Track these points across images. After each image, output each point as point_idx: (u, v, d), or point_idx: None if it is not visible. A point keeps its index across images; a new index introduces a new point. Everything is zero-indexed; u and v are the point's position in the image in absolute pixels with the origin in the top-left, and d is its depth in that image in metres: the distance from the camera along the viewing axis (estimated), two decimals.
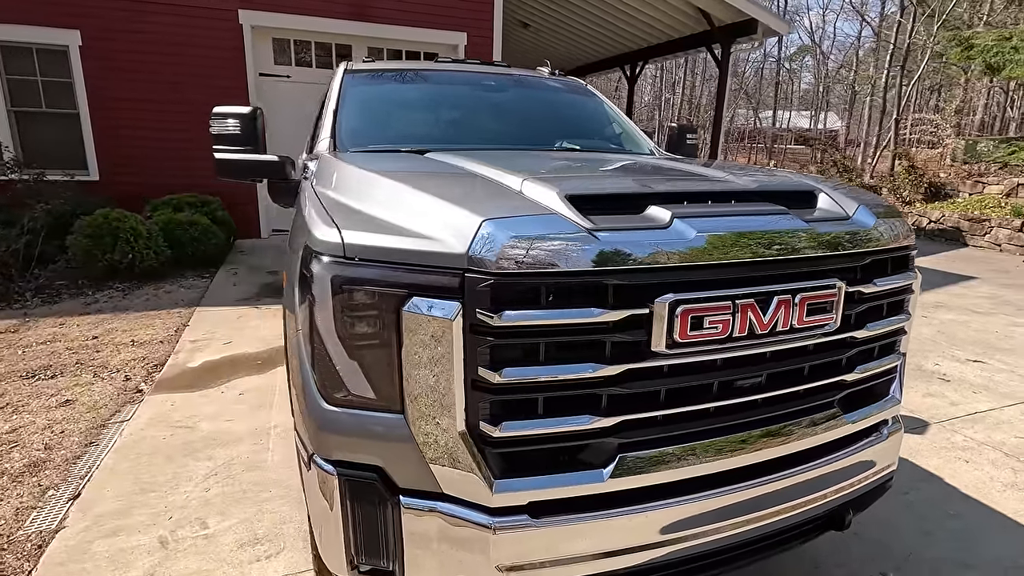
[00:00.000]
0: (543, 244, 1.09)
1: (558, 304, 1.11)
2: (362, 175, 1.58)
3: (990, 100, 30.67)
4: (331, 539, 1.29)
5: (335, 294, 1.17)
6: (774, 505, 1.35)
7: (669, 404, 1.23)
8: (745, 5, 8.98)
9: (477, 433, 1.15)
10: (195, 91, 7.31)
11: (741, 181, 1.52)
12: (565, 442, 1.19)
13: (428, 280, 1.12)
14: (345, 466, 1.22)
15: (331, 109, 2.46)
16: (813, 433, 1.39)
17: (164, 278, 5.97)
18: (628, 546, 1.22)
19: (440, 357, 1.11)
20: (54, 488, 2.52)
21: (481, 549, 1.16)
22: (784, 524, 1.39)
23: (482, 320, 1.08)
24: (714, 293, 1.17)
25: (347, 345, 1.19)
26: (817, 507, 1.42)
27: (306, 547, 2.14)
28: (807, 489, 1.39)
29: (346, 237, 1.17)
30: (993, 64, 9.30)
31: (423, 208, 1.24)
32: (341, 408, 1.22)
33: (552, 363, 1.13)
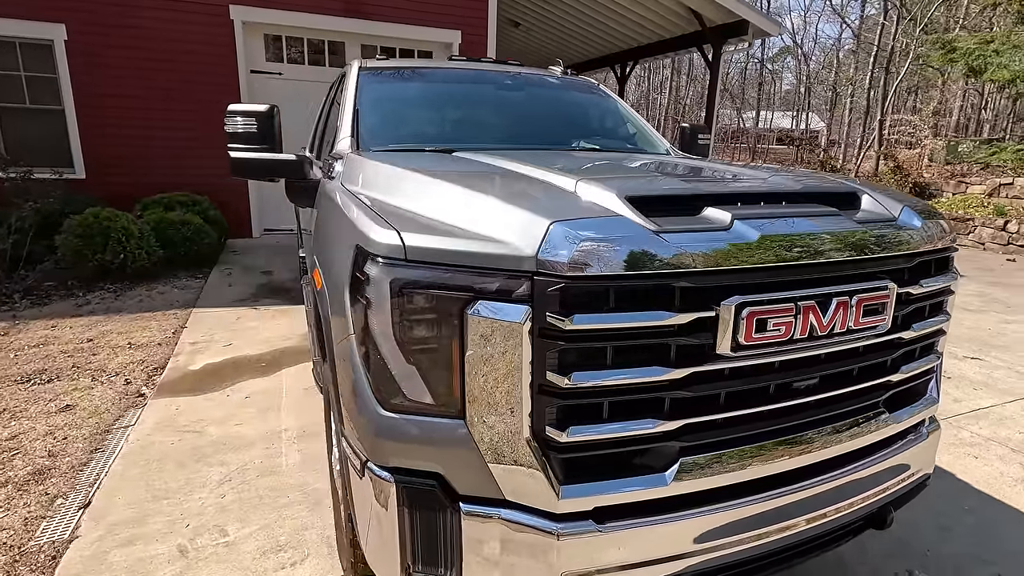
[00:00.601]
0: (613, 246, 1.08)
1: (626, 307, 1.10)
2: (408, 175, 1.55)
3: (965, 102, 31.37)
4: (385, 546, 1.26)
5: (394, 297, 1.14)
6: (826, 505, 1.36)
7: (729, 407, 1.23)
8: (736, 6, 9.07)
9: (542, 438, 1.13)
10: (185, 88, 7.17)
11: (785, 182, 1.52)
12: (628, 446, 1.18)
13: (494, 283, 1.10)
14: (403, 473, 1.20)
15: (349, 108, 2.42)
16: (863, 433, 1.40)
17: (156, 278, 5.84)
18: (690, 550, 1.22)
19: (506, 362, 1.09)
20: (62, 496, 2.45)
21: (546, 556, 1.14)
22: (834, 524, 1.40)
23: (552, 324, 1.07)
24: (778, 295, 1.17)
25: (406, 349, 1.16)
26: (865, 506, 1.43)
27: (331, 553, 2.10)
28: (856, 488, 1.40)
29: (407, 239, 1.14)
30: (975, 67, 9.50)
31: (483, 209, 1.22)
32: (398, 414, 1.19)
33: (619, 367, 1.12)
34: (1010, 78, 9.30)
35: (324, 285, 1.61)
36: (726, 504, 1.24)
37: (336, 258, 1.45)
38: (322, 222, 1.82)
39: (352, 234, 1.33)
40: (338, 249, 1.45)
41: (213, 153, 7.46)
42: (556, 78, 3.02)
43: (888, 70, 16.92)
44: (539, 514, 1.15)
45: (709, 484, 1.22)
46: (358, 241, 1.26)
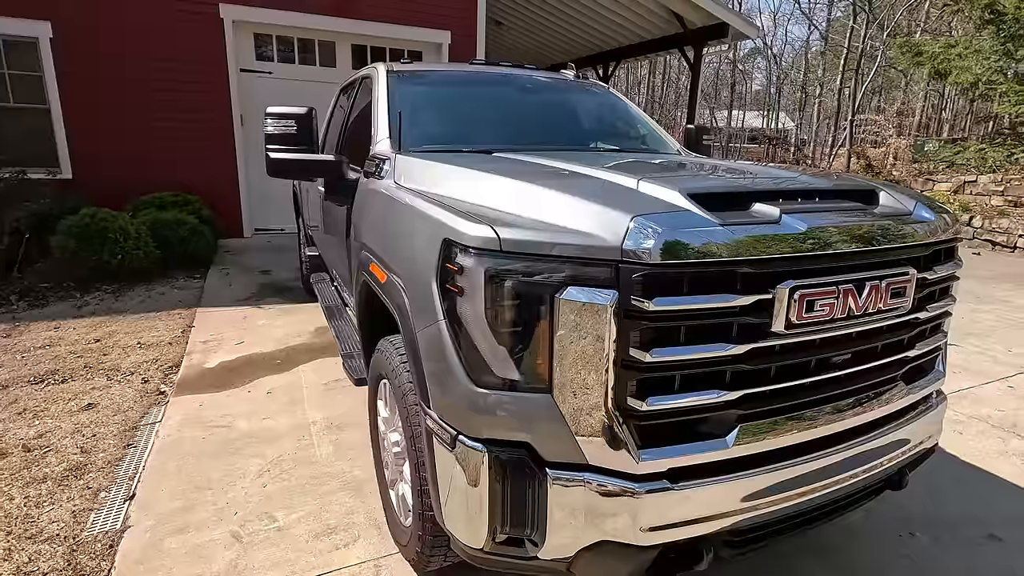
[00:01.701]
0: (687, 237, 1.23)
1: (697, 291, 1.25)
2: (480, 176, 1.68)
3: (926, 103, 32.60)
4: (471, 512, 1.39)
5: (488, 285, 1.27)
6: (857, 467, 1.53)
7: (780, 378, 1.39)
8: (717, 9, 9.36)
9: (624, 408, 1.28)
10: (174, 87, 7.11)
11: (814, 180, 1.70)
12: (694, 414, 1.33)
13: (583, 271, 1.24)
14: (494, 444, 1.33)
15: (384, 110, 2.53)
16: (886, 403, 1.58)
17: (153, 279, 5.81)
18: (746, 506, 1.38)
19: (593, 340, 1.23)
20: (104, 490, 2.50)
21: (628, 513, 1.29)
22: (863, 483, 1.58)
23: (636, 306, 1.21)
24: (824, 279, 1.34)
25: (498, 331, 1.29)
26: (888, 467, 1.62)
27: (380, 534, 2.21)
28: (881, 452, 1.58)
29: (501, 233, 1.27)
30: (941, 70, 9.98)
31: (563, 205, 1.36)
32: (490, 390, 1.32)
33: (691, 343, 1.27)
34: (973, 81, 9.82)
35: (391, 277, 1.73)
36: (776, 465, 1.40)
37: (412, 252, 1.57)
38: (380, 219, 1.93)
39: (434, 229, 1.46)
40: (413, 243, 1.57)
41: (203, 152, 7.44)
42: (571, 81, 3.17)
43: (858, 71, 17.56)
44: (620, 476, 1.29)
45: (763, 447, 1.39)
46: (447, 235, 1.39)
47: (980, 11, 9.29)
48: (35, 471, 2.63)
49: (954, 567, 2.12)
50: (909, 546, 2.21)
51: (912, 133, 29.90)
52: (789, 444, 1.43)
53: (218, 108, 7.38)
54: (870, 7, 16.80)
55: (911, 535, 2.27)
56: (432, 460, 1.50)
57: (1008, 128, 11.49)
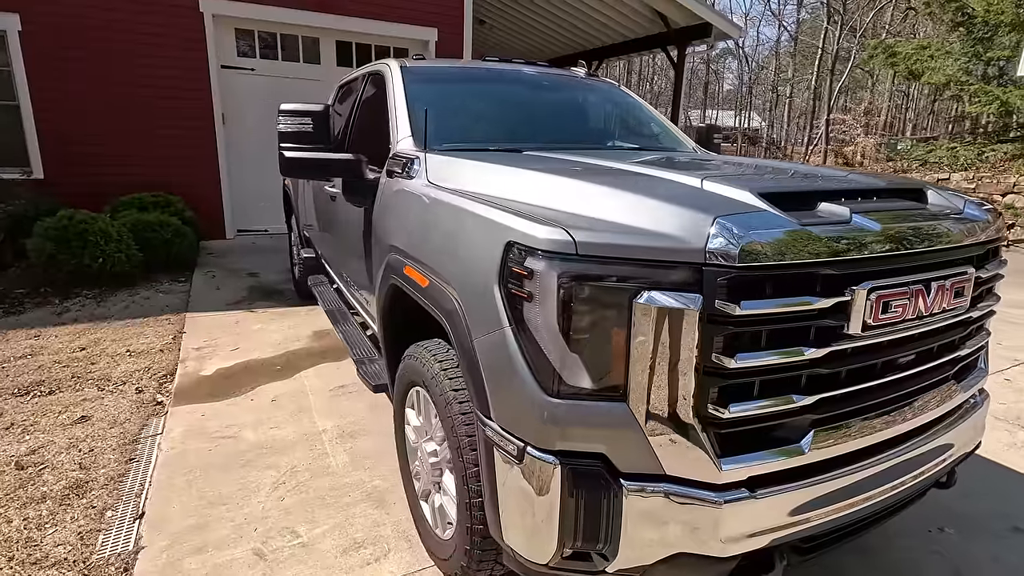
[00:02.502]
0: (771, 238, 1.19)
1: (779, 293, 1.22)
2: (535, 176, 1.62)
3: (891, 103, 33.62)
4: (538, 528, 1.34)
5: (563, 289, 1.22)
6: (919, 467, 1.52)
7: (852, 381, 1.37)
8: (700, 9, 9.44)
9: (705, 415, 1.23)
10: (152, 83, 6.85)
11: (865, 179, 1.68)
12: (772, 420, 1.30)
13: (663, 275, 1.19)
14: (567, 455, 1.28)
15: (402, 107, 2.44)
16: (943, 401, 1.57)
17: (136, 283, 5.58)
18: (823, 511, 1.35)
19: (675, 346, 1.19)
20: (111, 508, 2.37)
21: (708, 524, 1.25)
22: (921, 484, 1.57)
23: (721, 310, 1.17)
24: (898, 280, 1.32)
25: (572, 338, 1.24)
26: (944, 466, 1.61)
27: (411, 547, 2.14)
28: (939, 451, 1.58)
29: (577, 236, 1.21)
30: (914, 71, 10.26)
31: (634, 206, 1.31)
32: (564, 399, 1.27)
33: (771, 348, 1.24)
34: (944, 81, 10.12)
35: (436, 282, 1.66)
36: (846, 469, 1.38)
37: (465, 255, 1.50)
38: (417, 221, 1.85)
39: (494, 231, 1.39)
40: (466, 247, 1.50)
41: (184, 151, 7.19)
42: (584, 78, 3.13)
43: (833, 72, 17.98)
44: (699, 486, 1.25)
45: (835, 452, 1.36)
46: (511, 238, 1.32)
47: (951, 14, 9.57)
48: (32, 490, 2.47)
49: (984, 560, 2.14)
50: (939, 542, 2.23)
51: (879, 132, 30.82)
52: (858, 447, 1.40)
53: (199, 105, 7.14)
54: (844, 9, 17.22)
55: (940, 530, 2.29)
56: (491, 473, 1.44)
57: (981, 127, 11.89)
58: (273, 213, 7.96)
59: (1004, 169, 9.27)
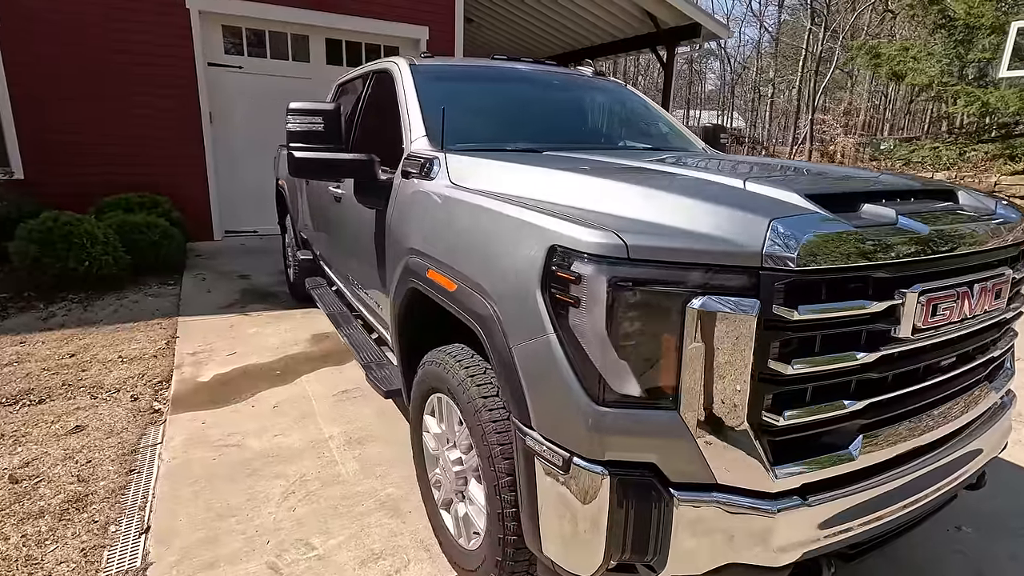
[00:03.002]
0: (828, 241, 1.16)
1: (834, 297, 1.19)
2: (573, 177, 1.57)
3: (869, 103, 34.23)
4: (584, 540, 1.30)
5: (612, 294, 1.18)
6: (957, 469, 1.52)
7: (899, 385, 1.35)
8: (690, 9, 9.48)
9: (759, 423, 1.20)
10: (138, 80, 6.68)
11: (899, 180, 1.67)
12: (824, 426, 1.27)
13: (717, 279, 1.16)
14: (616, 465, 1.24)
15: (414, 106, 2.39)
16: (978, 402, 1.57)
17: (123, 287, 5.42)
18: (871, 517, 1.33)
19: (730, 352, 1.16)
20: (114, 523, 2.27)
21: (762, 534, 1.22)
22: (957, 486, 1.56)
23: (779, 315, 1.14)
24: (947, 282, 1.30)
25: (622, 344, 1.20)
26: (979, 467, 1.61)
27: (432, 557, 2.08)
28: (974, 453, 1.57)
29: (629, 239, 1.17)
30: (898, 71, 10.43)
31: (683, 208, 1.27)
32: (613, 408, 1.23)
33: (825, 353, 1.21)
34: (927, 82, 10.31)
35: (465, 288, 1.61)
36: (893, 473, 1.36)
37: (501, 259, 1.45)
38: (442, 223, 1.79)
39: (534, 234, 1.35)
40: (502, 250, 1.46)
41: (170, 150, 7.02)
42: (592, 78, 3.09)
43: (817, 72, 18.24)
44: (752, 495, 1.22)
45: (883, 456, 1.34)
46: (555, 242, 1.28)
47: (934, 16, 9.74)
48: (28, 505, 2.37)
49: (1003, 558, 2.15)
50: (960, 540, 2.24)
51: (858, 132, 31.35)
52: (903, 451, 1.39)
53: (185, 104, 6.97)
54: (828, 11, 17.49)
55: (957, 529, 2.30)
56: (531, 483, 1.39)
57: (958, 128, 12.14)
58: (262, 214, 7.82)
59: (985, 168, 9.47)
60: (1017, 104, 8.90)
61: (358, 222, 2.65)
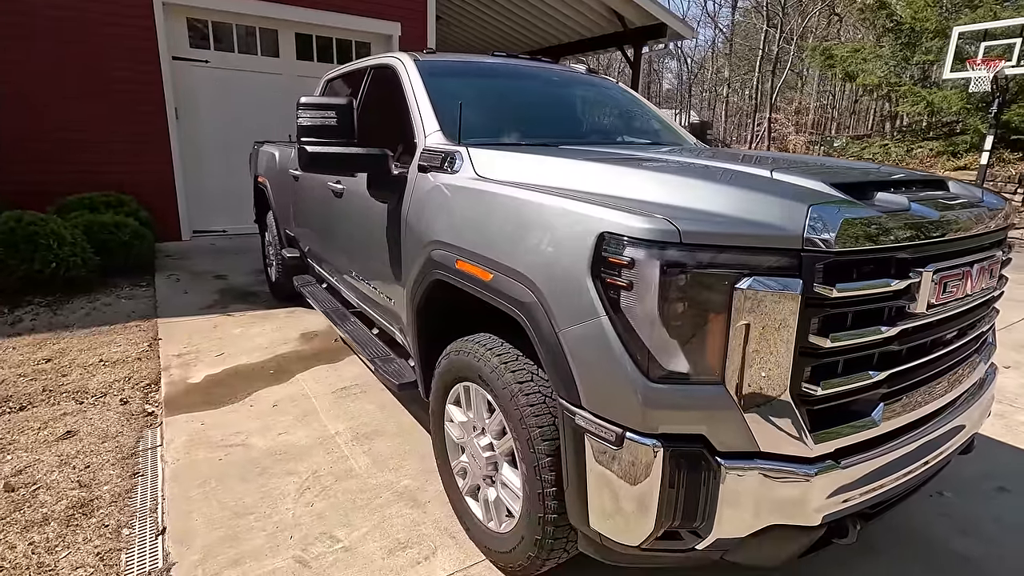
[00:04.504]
0: (861, 225, 1.27)
1: (865, 276, 1.30)
2: (613, 169, 1.64)
3: (817, 103, 35.72)
4: (635, 511, 1.37)
5: (665, 278, 1.25)
6: (956, 434, 1.66)
7: (913, 357, 1.48)
8: (657, 10, 9.72)
9: (799, 394, 1.31)
10: (99, 74, 6.41)
11: (896, 171, 1.81)
12: (853, 395, 1.39)
13: (762, 261, 1.25)
14: (668, 438, 1.32)
15: (425, 102, 2.41)
16: (973, 372, 1.73)
17: (92, 289, 5.21)
18: (889, 478, 1.46)
19: (775, 328, 1.25)
20: (126, 526, 2.23)
21: (800, 495, 1.32)
22: (955, 449, 1.71)
23: (819, 293, 1.24)
24: (955, 262, 1.44)
25: (674, 324, 1.28)
26: (972, 432, 1.77)
27: (457, 543, 2.13)
28: (968, 418, 1.73)
29: (681, 225, 1.25)
30: (850, 72, 10.96)
31: (724, 195, 1.36)
32: (665, 384, 1.31)
33: (856, 327, 1.32)
34: (877, 83, 10.89)
35: (502, 277, 1.65)
36: (908, 437, 1.50)
37: (545, 247, 1.51)
38: (474, 215, 1.82)
39: (582, 222, 1.41)
40: (545, 239, 1.51)
41: (134, 147, 6.77)
42: (588, 75, 3.18)
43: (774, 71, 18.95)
44: (792, 460, 1.32)
45: (900, 422, 1.47)
46: (605, 229, 1.35)
47: (883, 20, 10.28)
48: (30, 513, 2.29)
49: (985, 518, 2.34)
50: (943, 505, 2.42)
51: (807, 130, 32.63)
52: (916, 418, 1.52)
53: (150, 99, 6.73)
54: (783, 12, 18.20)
55: (940, 495, 2.49)
56: (580, 460, 1.46)
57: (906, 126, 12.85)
58: (232, 213, 7.64)
59: (931, 164, 10.06)
60: (959, 104, 9.54)
61: (366, 217, 2.65)
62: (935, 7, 9.44)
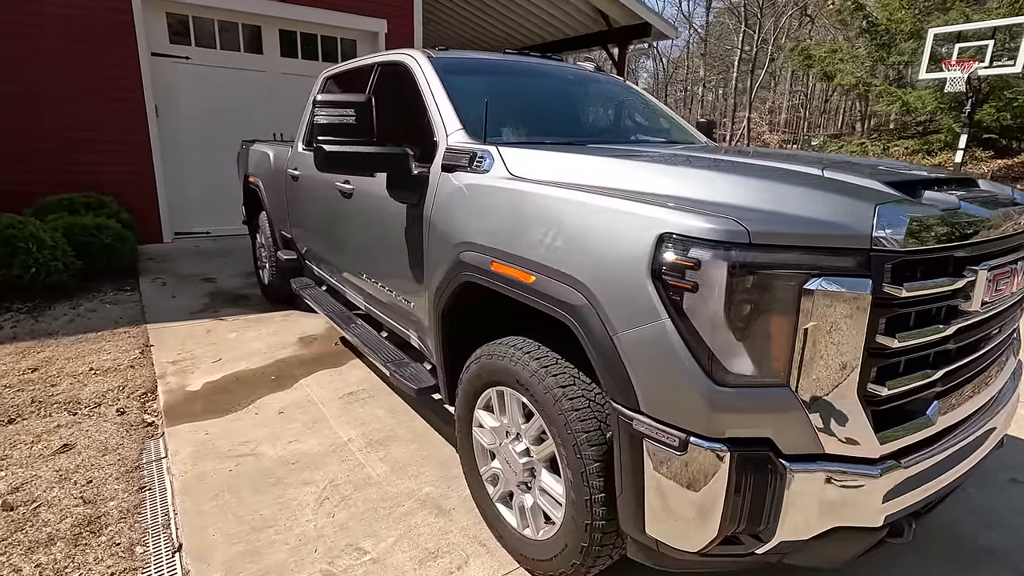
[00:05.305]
0: (926, 224, 1.27)
1: (928, 275, 1.30)
2: (667, 169, 1.61)
3: (789, 103, 36.49)
4: (697, 516, 1.35)
5: (733, 279, 1.23)
6: (995, 429, 1.68)
7: (963, 354, 1.49)
8: (641, 9, 9.78)
9: (865, 394, 1.29)
10: (74, 71, 6.16)
11: (931, 171, 1.82)
12: (913, 394, 1.38)
13: (830, 261, 1.24)
14: (735, 443, 1.29)
15: (444, 100, 2.35)
16: (1008, 368, 1.75)
17: (74, 294, 5.01)
18: (943, 476, 1.46)
19: (844, 329, 1.24)
20: (139, 544, 2.12)
21: (865, 496, 1.31)
22: (994, 445, 1.73)
23: (888, 293, 1.23)
24: (1005, 260, 1.45)
25: (741, 327, 1.25)
26: (1007, 425, 1.79)
27: (489, 551, 2.08)
28: (1005, 414, 1.75)
29: (751, 226, 1.23)
30: (828, 72, 11.18)
31: (791, 195, 1.34)
32: (732, 387, 1.28)
33: (918, 327, 1.32)
34: (854, 83, 11.15)
35: (546, 279, 1.61)
36: (958, 434, 1.50)
37: (597, 249, 1.47)
38: (513, 216, 1.77)
39: (637, 224, 1.38)
40: (598, 240, 1.47)
41: (113, 147, 6.54)
42: (600, 74, 3.15)
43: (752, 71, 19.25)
44: (858, 461, 1.31)
45: (952, 420, 1.48)
46: (665, 229, 1.31)
47: (859, 21, 10.52)
48: (33, 532, 2.17)
49: (1004, 511, 2.38)
50: (967, 501, 2.45)
51: (781, 129, 33.26)
52: (965, 415, 1.53)
53: (129, 96, 6.50)
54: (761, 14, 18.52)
55: (963, 490, 2.53)
56: (637, 465, 1.43)
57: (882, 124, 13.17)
58: (215, 214, 7.45)
59: (908, 162, 10.32)
60: (933, 104, 9.82)
61: (380, 218, 2.58)
62: (909, 9, 9.70)
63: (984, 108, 9.63)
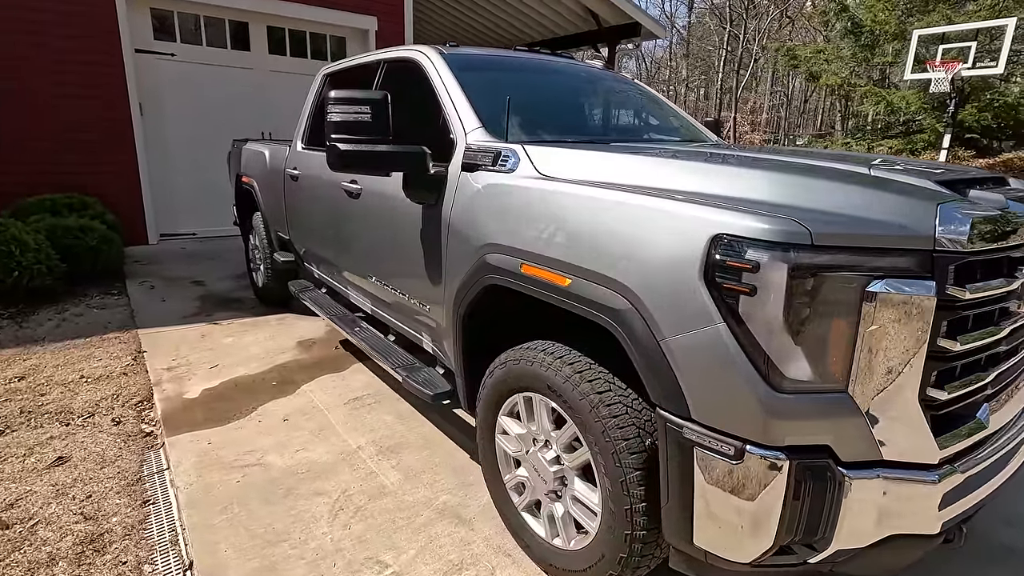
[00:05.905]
0: (987, 224, 1.24)
1: (987, 276, 1.27)
2: (714, 168, 1.57)
3: (770, 103, 36.97)
4: (750, 526, 1.30)
5: (794, 281, 1.19)
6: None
7: (1010, 356, 1.47)
8: (631, 9, 9.78)
9: (925, 399, 1.26)
10: (55, 68, 5.95)
11: (964, 169, 1.80)
12: (968, 397, 1.35)
13: (893, 262, 1.20)
14: (794, 450, 1.25)
15: (460, 97, 2.28)
16: None
17: (59, 298, 4.83)
18: (994, 478, 1.44)
19: (907, 332, 1.20)
20: (147, 562, 2.02)
21: (925, 503, 1.28)
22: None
23: (952, 295, 1.20)
24: None
25: (801, 330, 1.21)
26: None
27: (514, 562, 2.02)
28: None
29: (813, 227, 1.19)
30: (814, 72, 11.31)
31: (846, 194, 1.30)
32: (791, 394, 1.24)
33: (976, 328, 1.29)
34: (839, 83, 11.30)
35: (588, 281, 1.56)
36: (1004, 437, 1.48)
37: (642, 251, 1.42)
38: (540, 217, 1.71)
39: (686, 225, 1.33)
40: (643, 241, 1.42)
41: (96, 146, 6.33)
42: (614, 73, 3.11)
43: (738, 71, 19.44)
44: (917, 467, 1.28)
45: (999, 422, 1.45)
46: (719, 230, 1.27)
47: (844, 23, 10.66)
48: (32, 552, 2.06)
49: (1022, 507, 2.39)
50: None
51: (763, 129, 33.68)
52: (1010, 418, 1.51)
53: (112, 94, 6.30)
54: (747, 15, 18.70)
55: None
56: (686, 474, 1.38)
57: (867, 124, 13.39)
58: (202, 214, 7.28)
59: None
60: (916, 104, 9.99)
61: (391, 219, 2.51)
62: (893, 11, 9.85)
63: (966, 108, 9.82)
